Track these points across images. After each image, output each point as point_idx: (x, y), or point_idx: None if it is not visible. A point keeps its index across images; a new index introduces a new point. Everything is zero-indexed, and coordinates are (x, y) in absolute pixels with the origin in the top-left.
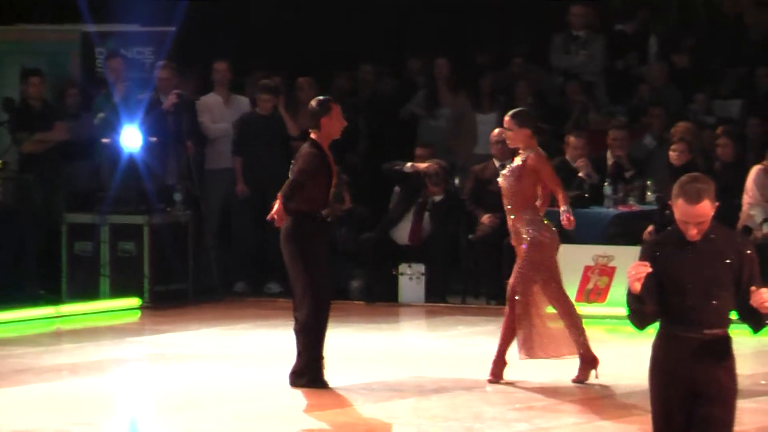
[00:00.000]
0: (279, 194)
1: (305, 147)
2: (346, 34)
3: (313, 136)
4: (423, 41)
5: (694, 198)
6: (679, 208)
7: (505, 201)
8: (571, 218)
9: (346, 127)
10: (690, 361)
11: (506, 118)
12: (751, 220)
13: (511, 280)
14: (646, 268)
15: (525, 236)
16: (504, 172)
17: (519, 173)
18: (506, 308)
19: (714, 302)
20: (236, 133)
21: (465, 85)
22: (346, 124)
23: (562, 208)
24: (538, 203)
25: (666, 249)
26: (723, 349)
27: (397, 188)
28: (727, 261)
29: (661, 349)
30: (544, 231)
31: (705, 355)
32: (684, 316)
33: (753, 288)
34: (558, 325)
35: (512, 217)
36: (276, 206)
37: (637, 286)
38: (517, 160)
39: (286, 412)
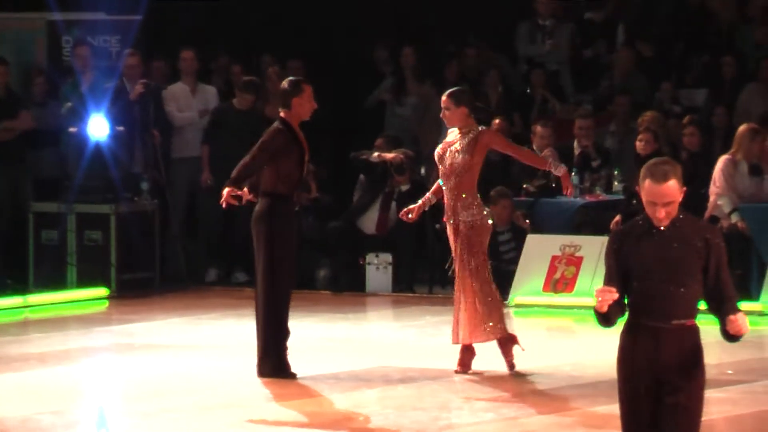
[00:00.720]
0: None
1: (273, 126)
2: (312, 22)
3: (282, 114)
4: (388, 29)
5: (660, 177)
6: (647, 189)
7: (451, 179)
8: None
9: (314, 113)
10: (657, 351)
11: (443, 97)
12: (718, 209)
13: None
14: (612, 295)
15: (466, 219)
16: (454, 148)
17: (472, 150)
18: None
19: (681, 290)
20: (209, 122)
21: (430, 74)
22: (316, 106)
23: (553, 166)
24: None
25: (631, 238)
26: (690, 339)
27: (361, 177)
28: (694, 249)
29: (628, 338)
30: (484, 213)
31: (672, 344)
32: (650, 305)
33: (731, 317)
34: (482, 309)
35: (456, 194)
36: (225, 190)
37: (604, 308)
38: (468, 137)
39: (253, 401)
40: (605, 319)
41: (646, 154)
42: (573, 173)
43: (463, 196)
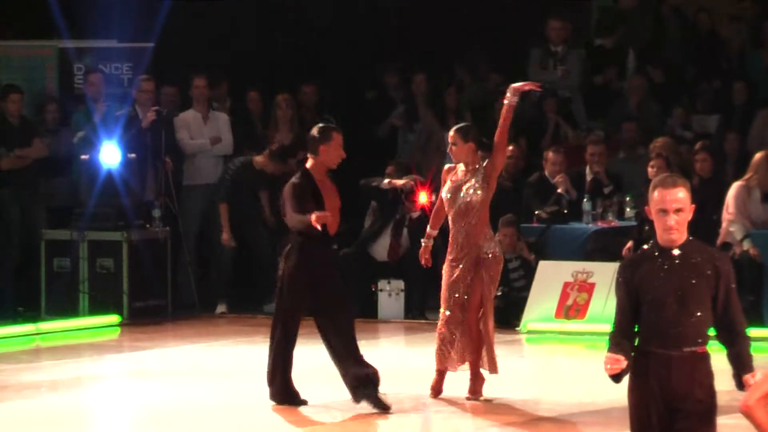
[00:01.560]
0: None
1: (294, 177)
2: (322, 49)
3: (307, 164)
4: (398, 55)
5: (670, 184)
6: (656, 198)
7: (469, 217)
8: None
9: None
10: (668, 379)
11: (451, 132)
12: (730, 236)
13: (475, 296)
14: (621, 364)
15: (487, 252)
16: (468, 186)
17: (486, 185)
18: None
19: (692, 319)
20: (229, 180)
21: (439, 103)
22: (344, 155)
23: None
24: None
25: (641, 268)
26: (701, 366)
27: (373, 203)
28: (704, 277)
29: (640, 366)
30: (498, 246)
31: (683, 371)
32: (661, 332)
33: (746, 377)
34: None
35: (477, 231)
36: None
37: (614, 373)
38: (479, 174)
39: (265, 428)
40: (616, 379)
41: None
42: (585, 199)
43: (485, 230)
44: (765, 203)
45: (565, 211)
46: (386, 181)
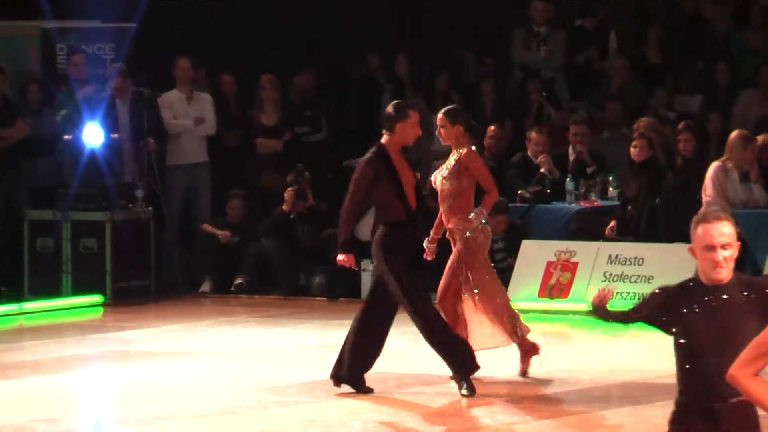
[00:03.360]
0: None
1: (364, 157)
2: (308, 31)
3: (382, 140)
4: (382, 37)
5: (713, 218)
6: (700, 235)
7: (444, 204)
8: (483, 228)
9: (314, 122)
10: None
11: (439, 115)
12: None
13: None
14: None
15: (462, 235)
16: (443, 174)
17: (457, 173)
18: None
19: None
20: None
21: (423, 85)
22: (420, 133)
23: (480, 210)
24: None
25: (687, 305)
26: (751, 416)
27: None
28: (754, 320)
29: (680, 424)
30: (479, 234)
31: (730, 425)
32: (705, 384)
33: None
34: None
35: (450, 218)
36: (341, 257)
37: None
38: (451, 160)
39: (248, 408)
40: (599, 311)
41: (640, 161)
42: (568, 179)
43: (459, 218)
44: (743, 183)
45: (548, 191)
46: None
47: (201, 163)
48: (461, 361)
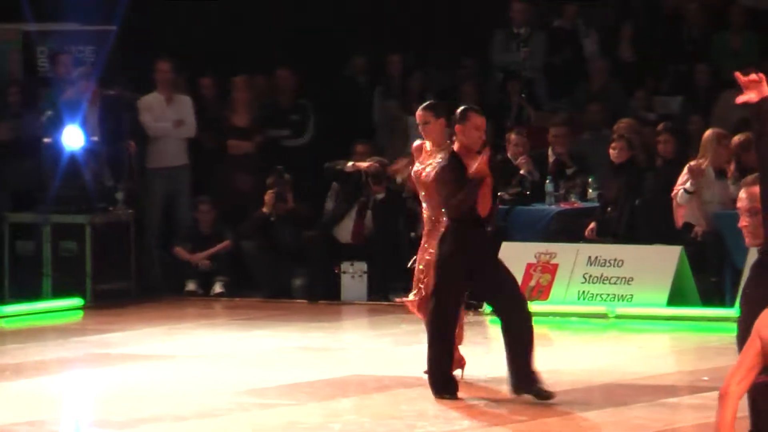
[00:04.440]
0: None
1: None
2: (290, 32)
3: (454, 146)
4: (366, 38)
5: None
6: None
7: (430, 197)
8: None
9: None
10: None
11: (419, 111)
12: (688, 214)
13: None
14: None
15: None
16: (435, 162)
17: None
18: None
19: None
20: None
21: (397, 86)
22: (483, 137)
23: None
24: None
25: None
26: None
27: (334, 184)
28: None
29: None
30: None
31: None
32: None
33: None
34: None
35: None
36: None
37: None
38: (438, 157)
39: (228, 411)
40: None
41: (620, 162)
42: (548, 180)
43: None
44: (719, 180)
45: (528, 193)
46: (350, 163)
47: (181, 166)
48: (437, 380)
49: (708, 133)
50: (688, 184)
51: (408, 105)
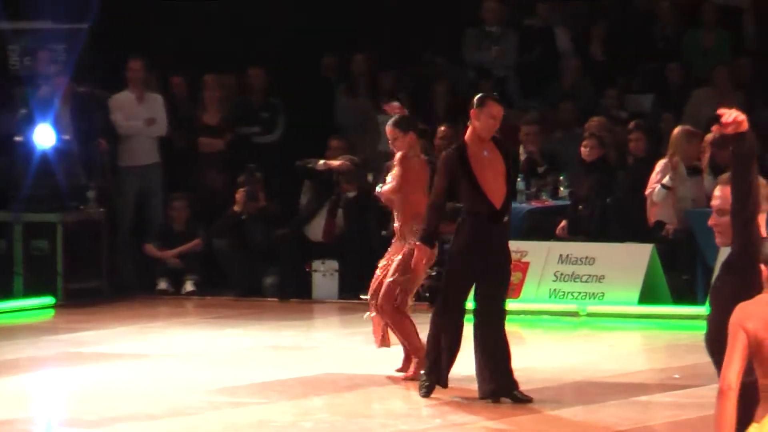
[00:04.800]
0: None
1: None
2: (261, 31)
3: (466, 132)
4: (337, 37)
5: None
6: None
7: (395, 210)
8: None
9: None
10: None
11: (388, 128)
12: (660, 212)
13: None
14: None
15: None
16: (388, 179)
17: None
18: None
19: None
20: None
21: (368, 84)
22: (496, 126)
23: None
24: None
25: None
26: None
27: (307, 182)
28: None
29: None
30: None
31: None
32: None
33: None
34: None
35: (398, 224)
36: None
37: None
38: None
39: (201, 409)
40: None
41: (591, 160)
42: (519, 178)
43: (409, 224)
44: (690, 177)
45: None
46: (321, 162)
47: (152, 164)
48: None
49: (677, 130)
50: (666, 179)
51: (379, 103)
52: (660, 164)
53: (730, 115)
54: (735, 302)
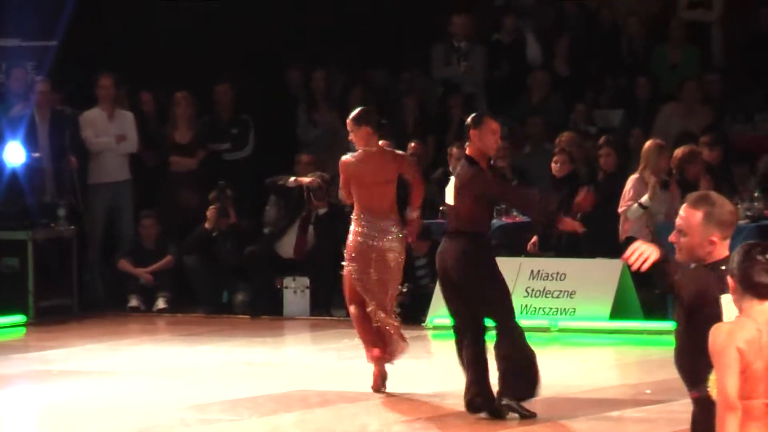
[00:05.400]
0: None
1: (465, 166)
2: (228, 47)
3: (467, 151)
4: (303, 52)
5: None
6: None
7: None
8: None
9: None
10: None
11: (348, 120)
12: (630, 226)
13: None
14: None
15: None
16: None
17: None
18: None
19: None
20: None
21: (335, 100)
22: (498, 141)
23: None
24: None
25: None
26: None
27: (272, 198)
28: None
29: None
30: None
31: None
32: None
33: None
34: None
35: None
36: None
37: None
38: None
39: (171, 427)
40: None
41: (561, 176)
42: None
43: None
44: (662, 191)
45: None
46: (292, 178)
47: (123, 181)
48: (519, 386)
49: (648, 143)
50: (644, 199)
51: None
52: (631, 180)
53: (633, 253)
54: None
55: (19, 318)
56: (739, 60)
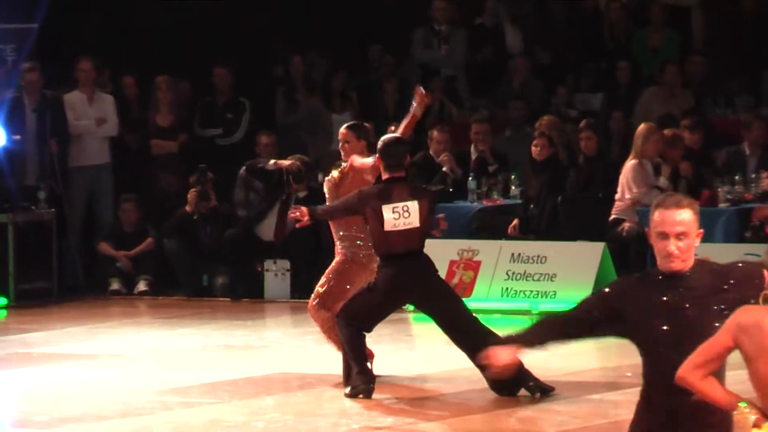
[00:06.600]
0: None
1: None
2: (206, 33)
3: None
4: (285, 37)
5: (672, 205)
6: (657, 220)
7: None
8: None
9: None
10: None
11: (343, 129)
12: (622, 212)
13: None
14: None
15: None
16: (326, 179)
17: (337, 182)
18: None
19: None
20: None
21: (318, 85)
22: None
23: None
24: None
25: (642, 292)
26: (711, 416)
27: (241, 172)
28: (717, 308)
29: (641, 417)
30: (359, 252)
31: (690, 424)
32: (665, 377)
33: None
34: None
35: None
36: None
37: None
38: (335, 172)
39: (151, 410)
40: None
41: (541, 159)
42: (470, 177)
43: (341, 233)
44: (657, 176)
45: (450, 190)
46: (272, 161)
47: (103, 165)
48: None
49: (641, 128)
50: (661, 181)
51: (331, 104)
52: (630, 166)
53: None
54: None
55: (1, 301)
56: (720, 44)
